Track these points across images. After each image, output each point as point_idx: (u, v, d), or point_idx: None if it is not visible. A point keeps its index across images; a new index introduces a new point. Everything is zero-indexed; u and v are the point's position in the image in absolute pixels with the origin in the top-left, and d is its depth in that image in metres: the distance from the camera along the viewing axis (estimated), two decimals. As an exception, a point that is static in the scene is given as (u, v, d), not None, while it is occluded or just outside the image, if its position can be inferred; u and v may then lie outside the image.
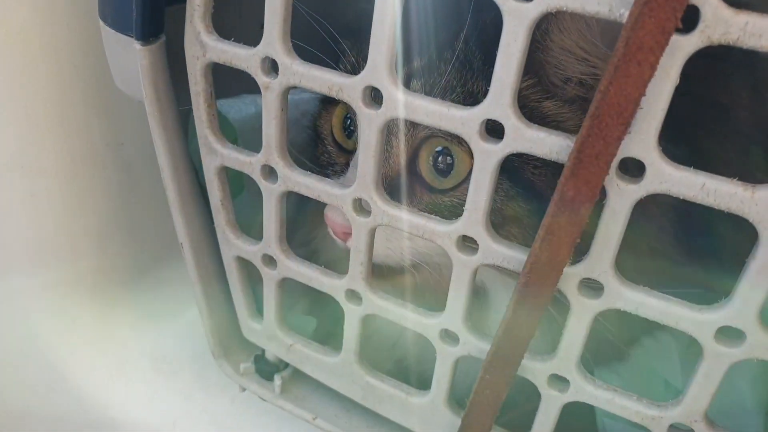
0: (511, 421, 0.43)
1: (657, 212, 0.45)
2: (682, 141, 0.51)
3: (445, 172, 0.40)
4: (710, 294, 0.31)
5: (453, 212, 0.41)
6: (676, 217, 0.46)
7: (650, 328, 0.46)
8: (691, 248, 0.48)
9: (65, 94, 0.52)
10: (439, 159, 0.41)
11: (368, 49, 0.33)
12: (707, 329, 0.30)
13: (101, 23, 0.42)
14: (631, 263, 0.42)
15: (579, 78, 0.37)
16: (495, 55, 0.29)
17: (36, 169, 0.53)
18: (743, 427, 0.53)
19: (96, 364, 0.57)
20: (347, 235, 0.42)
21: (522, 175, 0.39)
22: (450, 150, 0.40)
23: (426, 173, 0.41)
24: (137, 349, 0.58)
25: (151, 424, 0.54)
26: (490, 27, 0.39)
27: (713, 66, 0.41)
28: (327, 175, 0.48)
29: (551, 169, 0.39)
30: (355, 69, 0.44)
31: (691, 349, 0.43)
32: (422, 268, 0.44)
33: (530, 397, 0.46)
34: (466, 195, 0.39)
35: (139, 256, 0.62)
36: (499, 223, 0.40)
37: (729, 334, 0.30)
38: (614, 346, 0.45)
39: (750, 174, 0.55)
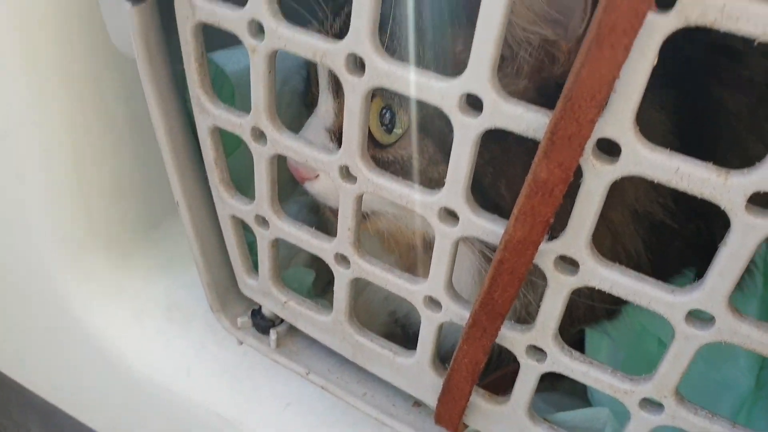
0: (494, 383, 0.44)
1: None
2: (693, 91, 0.49)
3: (389, 128, 0.43)
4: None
5: (394, 168, 0.43)
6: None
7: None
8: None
9: (72, 48, 0.52)
10: (386, 115, 0.43)
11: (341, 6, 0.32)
12: (678, 311, 0.30)
13: (93, -20, 0.42)
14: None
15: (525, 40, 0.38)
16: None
17: (48, 125, 0.53)
18: (734, 382, 0.53)
19: (112, 314, 0.58)
20: (303, 179, 0.45)
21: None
22: (391, 107, 0.42)
23: (374, 129, 0.43)
24: (151, 299, 0.59)
25: (166, 371, 0.56)
26: None
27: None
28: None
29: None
30: (324, 23, 0.44)
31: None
32: (379, 215, 0.47)
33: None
34: (404, 150, 0.42)
35: (151, 208, 0.62)
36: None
37: (699, 317, 0.30)
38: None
39: (759, 127, 0.52)
